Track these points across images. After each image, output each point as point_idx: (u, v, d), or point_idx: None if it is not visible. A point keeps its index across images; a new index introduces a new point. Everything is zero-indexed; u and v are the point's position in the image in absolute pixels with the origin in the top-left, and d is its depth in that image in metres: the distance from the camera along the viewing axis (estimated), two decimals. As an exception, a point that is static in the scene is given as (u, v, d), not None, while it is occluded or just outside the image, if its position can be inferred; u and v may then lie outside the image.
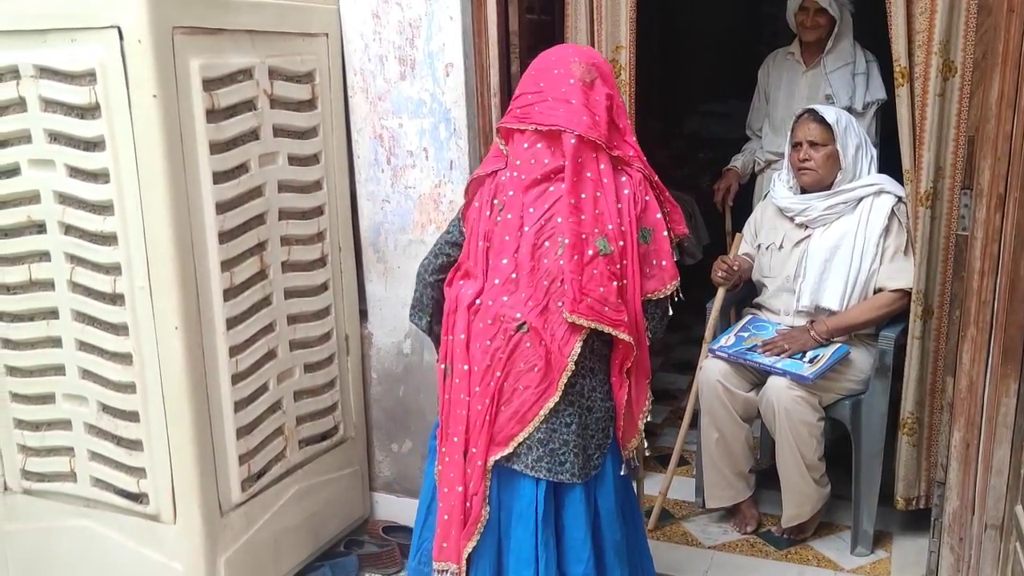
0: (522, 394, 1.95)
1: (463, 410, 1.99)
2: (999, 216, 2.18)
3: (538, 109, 1.98)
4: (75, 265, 2.32)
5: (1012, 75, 2.11)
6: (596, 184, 1.95)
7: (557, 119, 1.95)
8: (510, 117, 2.04)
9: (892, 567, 2.80)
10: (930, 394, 2.73)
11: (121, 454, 2.41)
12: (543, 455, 1.96)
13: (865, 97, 3.43)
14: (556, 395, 1.94)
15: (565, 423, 1.96)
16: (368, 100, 2.78)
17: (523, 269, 1.95)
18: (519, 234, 1.97)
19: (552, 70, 2.01)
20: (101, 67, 2.15)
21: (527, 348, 1.94)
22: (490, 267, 2.00)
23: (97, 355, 2.37)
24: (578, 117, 1.95)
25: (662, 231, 2.01)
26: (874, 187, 2.84)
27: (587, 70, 1.99)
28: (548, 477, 1.96)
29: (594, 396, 2.01)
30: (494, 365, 1.95)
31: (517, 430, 1.95)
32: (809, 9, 3.42)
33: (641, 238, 1.98)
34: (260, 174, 2.46)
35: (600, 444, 2.04)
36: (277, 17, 2.51)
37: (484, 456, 1.97)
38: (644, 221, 1.99)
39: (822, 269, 2.84)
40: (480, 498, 1.98)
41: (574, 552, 2.01)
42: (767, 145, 3.69)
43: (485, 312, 1.98)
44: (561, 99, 1.96)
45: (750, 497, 3.01)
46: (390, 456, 3.06)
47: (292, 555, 2.73)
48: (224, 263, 2.36)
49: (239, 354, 2.44)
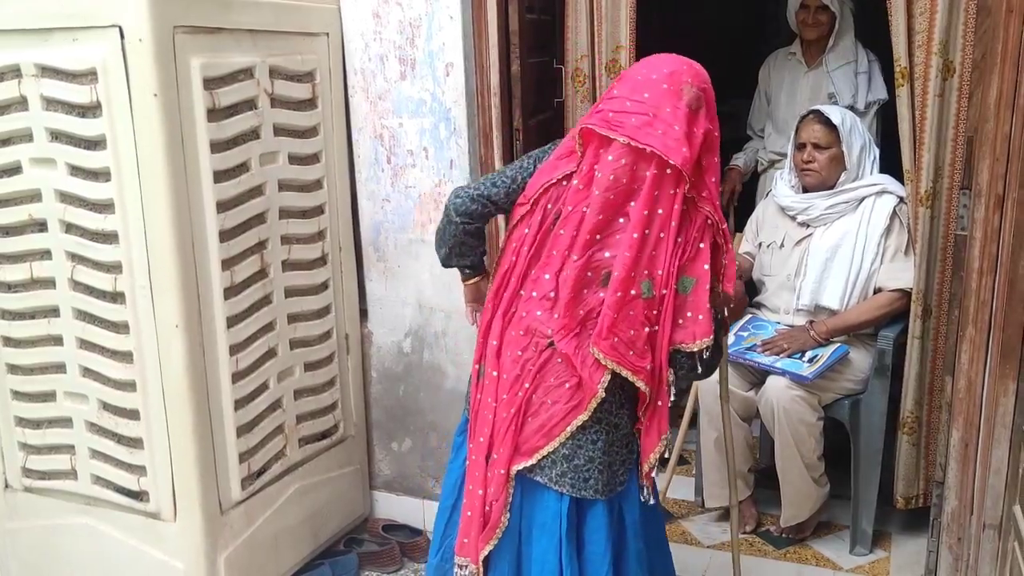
0: (550, 408, 1.90)
1: (489, 414, 1.96)
2: (998, 216, 2.19)
3: (634, 121, 1.82)
4: (76, 263, 2.33)
5: (1011, 75, 2.11)
6: (664, 224, 1.82)
7: (653, 140, 1.79)
8: (600, 119, 1.86)
9: (891, 567, 2.81)
10: (929, 394, 2.73)
11: (122, 452, 2.42)
12: (567, 470, 1.91)
13: (868, 96, 3.42)
14: (585, 415, 1.88)
15: (591, 440, 1.91)
16: (368, 99, 2.79)
17: (563, 292, 1.87)
18: (567, 254, 1.88)
19: (661, 84, 1.84)
20: (102, 66, 2.15)
21: (558, 364, 1.89)
22: (530, 278, 1.94)
23: (98, 353, 2.37)
24: (677, 147, 1.79)
25: (705, 284, 1.86)
26: (876, 187, 2.84)
27: (696, 97, 1.84)
28: (571, 493, 1.92)
29: (621, 413, 1.94)
30: (523, 376, 1.91)
31: (542, 443, 1.91)
32: (810, 7, 3.41)
33: (680, 287, 1.85)
34: (261, 173, 2.47)
35: (625, 460, 1.98)
36: (278, 16, 2.52)
37: (507, 464, 1.93)
38: (689, 270, 1.85)
39: (823, 268, 2.84)
40: (500, 505, 1.95)
41: (593, 566, 1.97)
42: (770, 145, 3.68)
43: (518, 322, 1.93)
44: (663, 120, 1.81)
45: (749, 496, 3.01)
46: (390, 455, 3.07)
47: (292, 553, 2.73)
48: (224, 262, 2.37)
49: (239, 352, 2.45)
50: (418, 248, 2.84)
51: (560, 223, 1.90)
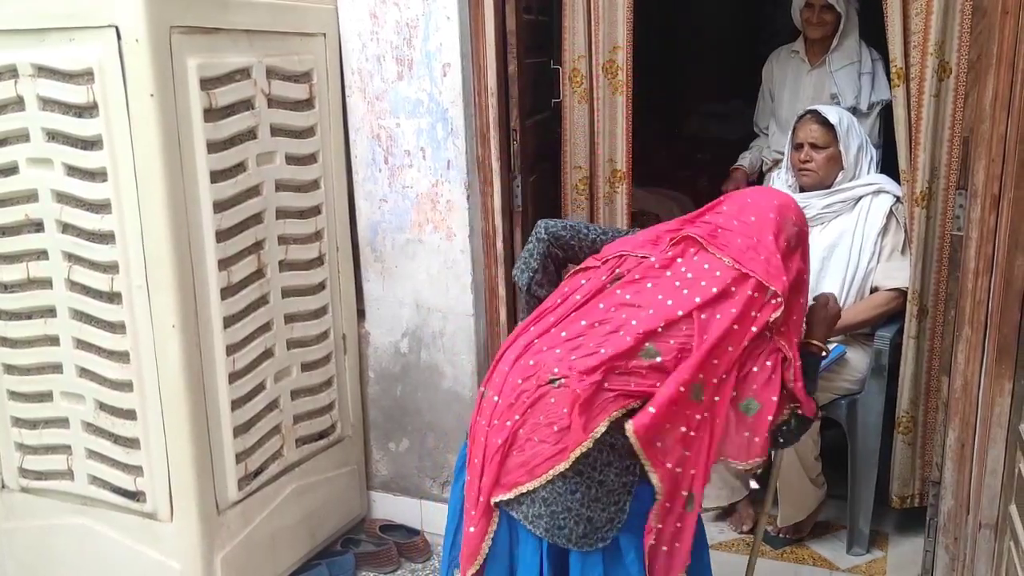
0: (535, 447, 1.86)
1: (483, 437, 1.94)
2: (993, 216, 2.19)
3: (740, 243, 1.92)
4: (73, 263, 2.33)
5: (1006, 76, 2.12)
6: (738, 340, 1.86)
7: (756, 266, 1.88)
8: (707, 233, 1.95)
9: (888, 566, 2.81)
10: (926, 394, 2.73)
11: (118, 452, 2.42)
12: (543, 513, 1.86)
13: (871, 97, 3.39)
14: (565, 464, 1.83)
15: (570, 490, 1.85)
16: (366, 100, 2.79)
17: (595, 343, 1.86)
18: (613, 312, 1.89)
19: (769, 213, 1.96)
20: (99, 66, 2.15)
21: (551, 403, 1.86)
22: (567, 319, 1.94)
23: (95, 353, 2.37)
24: (778, 275, 1.88)
25: (769, 414, 1.88)
26: (873, 187, 2.84)
27: (796, 235, 1.96)
28: (545, 536, 1.87)
29: (607, 471, 1.86)
30: (516, 406, 1.89)
31: (524, 480, 1.87)
32: (815, 5, 3.39)
33: (744, 408, 1.88)
34: (258, 173, 2.47)
35: (612, 518, 1.87)
36: (274, 17, 2.52)
37: (488, 494, 1.90)
38: (759, 395, 1.88)
39: (819, 267, 2.84)
40: (480, 532, 1.92)
41: None
42: (774, 144, 3.67)
43: (533, 352, 1.92)
44: (766, 247, 1.91)
45: (747, 497, 3.01)
46: (387, 455, 3.07)
47: (289, 553, 2.73)
48: (221, 262, 2.37)
49: (236, 352, 2.45)
50: (415, 248, 2.84)
51: (619, 284, 1.94)
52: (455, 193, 2.76)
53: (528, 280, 2.17)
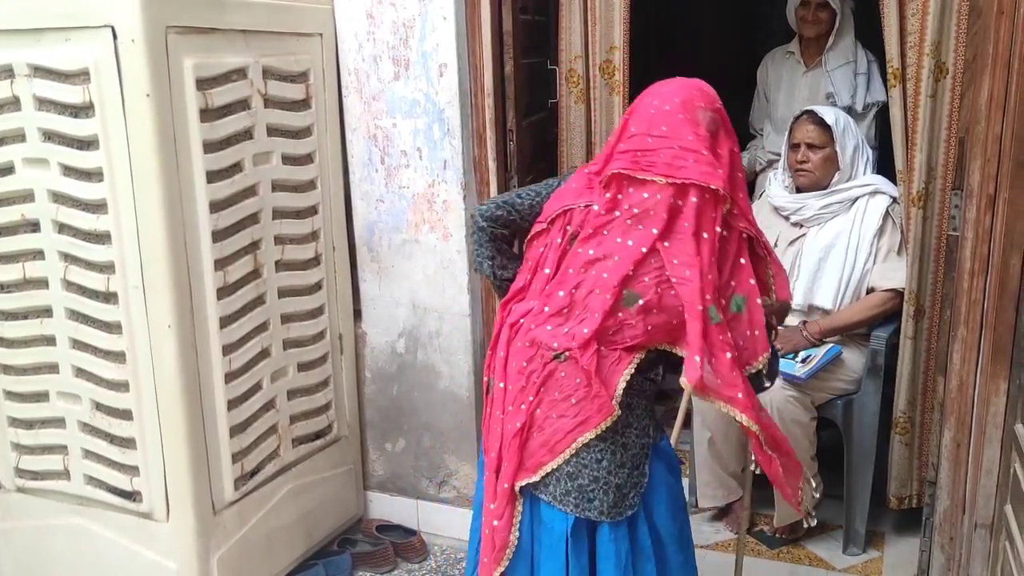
0: (555, 423, 1.86)
1: (498, 427, 1.94)
2: (989, 216, 2.19)
3: (664, 157, 1.81)
4: (69, 264, 2.33)
5: (1002, 76, 2.12)
6: (711, 249, 1.80)
7: (689, 171, 1.79)
8: (628, 161, 1.84)
9: (884, 566, 2.81)
10: (922, 394, 2.74)
11: (114, 452, 2.42)
12: (571, 489, 1.87)
13: (866, 98, 3.40)
14: (593, 433, 1.84)
15: (596, 459, 1.86)
16: (362, 100, 2.79)
17: (580, 308, 1.84)
18: (584, 272, 1.86)
19: (677, 114, 1.84)
20: (95, 66, 2.15)
21: (562, 377, 1.85)
22: (544, 293, 1.92)
23: (91, 353, 2.37)
24: (711, 170, 1.80)
25: (756, 298, 1.85)
26: (869, 187, 2.85)
27: (712, 119, 1.86)
28: (575, 513, 1.87)
29: (628, 432, 1.90)
30: (528, 388, 1.88)
31: (547, 459, 1.87)
32: (811, 3, 3.40)
33: (734, 307, 1.83)
34: (254, 173, 2.47)
35: (636, 483, 1.91)
36: (271, 17, 2.52)
37: (511, 479, 1.89)
38: (738, 288, 1.84)
39: (816, 268, 2.85)
40: (506, 523, 1.91)
41: None
42: (768, 145, 3.68)
43: (524, 334, 1.91)
44: (689, 149, 1.81)
45: (742, 497, 3.01)
46: (384, 455, 3.07)
47: (285, 553, 2.73)
48: (218, 262, 2.37)
49: (232, 353, 2.45)
50: (412, 248, 2.84)
51: (579, 242, 1.88)
52: (451, 193, 2.76)
53: (489, 269, 2.12)
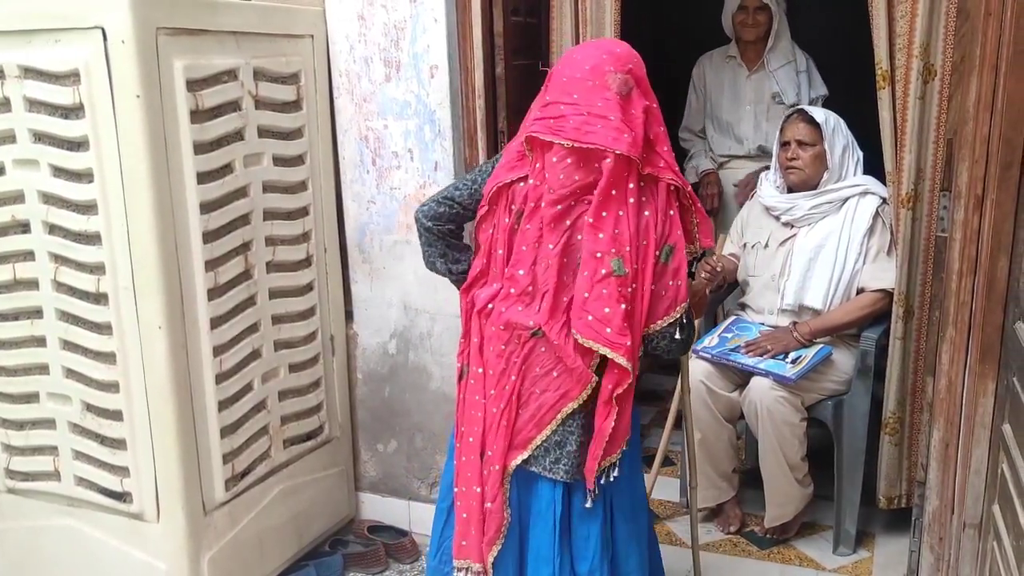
0: (539, 398, 1.93)
1: (479, 412, 1.99)
2: (977, 217, 2.20)
3: (573, 123, 1.86)
4: (59, 264, 2.33)
5: (989, 78, 2.13)
6: (621, 203, 1.86)
7: (595, 137, 1.84)
8: (542, 127, 1.90)
9: (874, 566, 2.82)
10: (912, 394, 2.75)
11: (105, 453, 2.42)
12: (560, 456, 1.94)
13: (810, 93, 3.51)
14: (576, 403, 1.91)
15: (580, 424, 1.93)
16: (353, 101, 2.79)
17: (541, 284, 1.91)
18: (536, 246, 1.92)
19: (587, 81, 1.87)
20: (85, 67, 2.15)
21: (542, 352, 1.92)
22: (506, 276, 1.97)
23: (81, 354, 2.37)
24: (618, 135, 1.83)
25: (682, 249, 1.91)
26: (859, 188, 2.86)
27: (623, 81, 1.87)
28: (566, 479, 1.95)
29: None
30: (509, 369, 1.94)
31: (534, 433, 1.94)
32: (749, 8, 3.49)
33: (662, 256, 1.90)
34: (245, 174, 2.47)
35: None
36: (262, 18, 2.52)
37: (502, 460, 1.95)
38: (668, 238, 1.90)
39: (806, 268, 2.86)
40: (500, 503, 1.97)
41: (580, 551, 2.00)
42: (717, 148, 3.74)
43: (497, 318, 1.96)
44: (598, 115, 1.85)
45: (734, 497, 3.03)
46: (375, 456, 3.07)
47: (276, 554, 2.73)
48: (208, 263, 2.37)
49: (223, 354, 2.45)
50: (403, 250, 2.85)
51: (525, 219, 1.94)
52: (443, 195, 2.76)
53: (443, 267, 2.15)
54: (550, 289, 1.89)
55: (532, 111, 1.98)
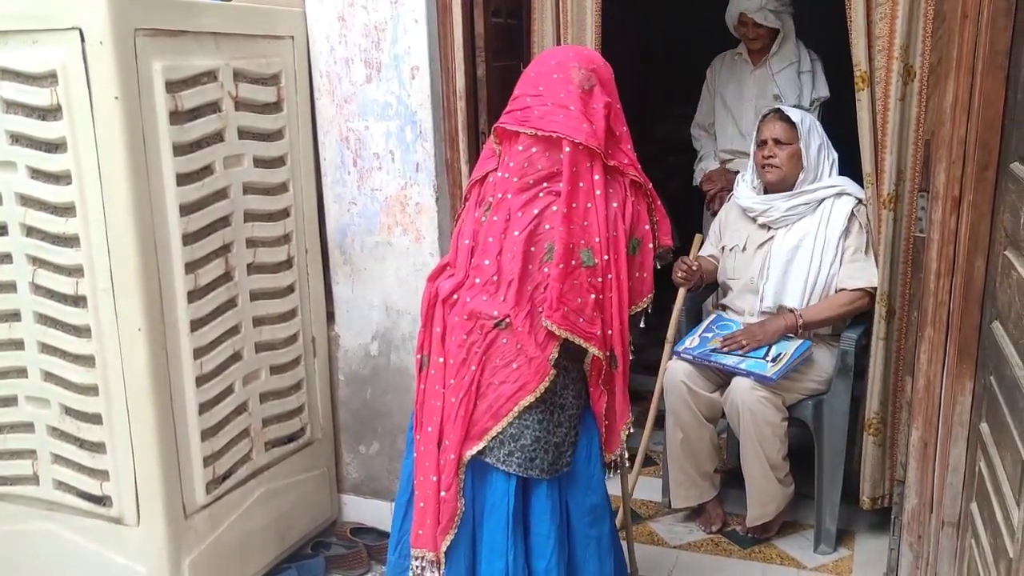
0: (497, 389, 1.97)
1: (438, 401, 2.01)
2: (954, 218, 2.22)
3: (537, 113, 1.97)
4: (37, 267, 2.31)
5: (966, 80, 2.14)
6: (588, 195, 1.95)
7: (556, 125, 1.94)
8: (508, 118, 2.03)
9: (854, 565, 2.84)
10: (893, 394, 2.77)
11: (84, 457, 2.40)
12: (514, 450, 1.98)
13: (811, 94, 3.53)
14: (533, 396, 1.95)
15: (537, 419, 1.97)
16: (334, 102, 2.79)
17: (507, 273, 1.96)
18: (503, 237, 1.97)
19: (552, 74, 2.00)
20: (62, 68, 2.14)
21: (503, 344, 1.96)
22: (472, 266, 2.01)
23: (59, 357, 2.36)
24: (577, 124, 1.94)
25: (648, 243, 2.02)
26: (835, 188, 2.88)
27: (586, 76, 1.99)
28: (519, 472, 1.98)
29: (565, 394, 2.03)
30: (470, 359, 1.97)
31: (491, 424, 1.97)
32: (748, 23, 3.52)
33: (630, 249, 1.99)
34: (225, 176, 2.46)
35: (572, 442, 2.05)
36: (241, 20, 2.51)
37: (457, 450, 1.99)
38: (635, 232, 2.00)
39: (784, 270, 2.87)
40: (454, 493, 2.00)
41: (538, 548, 2.03)
42: (722, 140, 3.75)
43: (461, 308, 1.99)
44: (560, 105, 1.96)
45: (715, 497, 3.04)
46: (358, 458, 3.07)
47: (258, 557, 2.72)
48: (188, 265, 2.36)
49: (204, 356, 2.44)
50: (384, 251, 2.84)
51: (492, 210, 2.01)
52: (424, 196, 2.76)
53: None
54: (515, 277, 1.94)
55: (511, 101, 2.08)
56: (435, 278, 2.09)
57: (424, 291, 2.11)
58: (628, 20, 5.32)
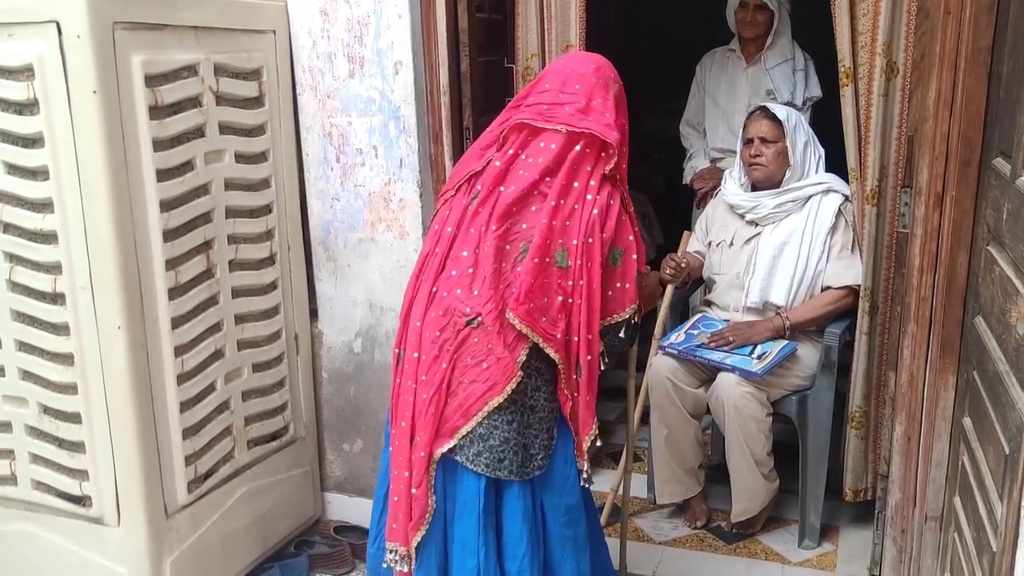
0: (467, 388, 1.95)
1: (411, 397, 2.00)
2: (937, 214, 2.22)
3: (568, 111, 1.99)
4: (14, 264, 2.28)
5: (949, 76, 2.15)
6: (579, 197, 1.95)
7: (589, 124, 1.97)
8: (534, 113, 2.01)
9: (838, 559, 2.85)
10: (877, 389, 2.77)
11: (63, 456, 2.37)
12: (483, 450, 1.96)
13: (804, 93, 3.52)
14: (501, 397, 1.93)
15: (506, 420, 1.95)
16: (317, 98, 2.76)
17: (482, 268, 1.94)
18: (484, 230, 1.96)
19: (591, 78, 2.03)
20: (39, 62, 2.11)
21: (475, 343, 1.94)
22: (450, 256, 2.00)
23: (38, 356, 2.33)
24: (610, 131, 1.98)
25: (632, 254, 2.01)
26: (822, 186, 2.88)
27: (619, 91, 2.06)
28: (487, 473, 1.96)
29: (537, 396, 2.00)
30: (441, 356, 1.96)
31: (461, 423, 1.96)
32: (749, 5, 3.49)
33: (610, 259, 1.97)
34: (206, 171, 2.43)
35: (545, 444, 2.02)
36: (222, 13, 2.48)
37: (428, 447, 1.97)
38: (617, 242, 1.98)
39: (771, 266, 2.88)
40: (424, 490, 1.99)
41: (510, 548, 2.02)
42: (712, 139, 3.74)
43: (439, 303, 1.98)
44: (595, 109, 2.00)
45: (700, 492, 3.04)
46: (341, 456, 3.05)
47: (241, 557, 2.70)
48: (169, 262, 2.33)
49: (185, 354, 2.41)
50: (368, 247, 2.82)
51: (479, 203, 1.99)
52: (408, 192, 2.74)
53: None
54: (488, 274, 1.93)
55: (519, 96, 2.09)
56: (419, 274, 2.07)
57: (408, 286, 2.09)
58: (612, 15, 5.33)
